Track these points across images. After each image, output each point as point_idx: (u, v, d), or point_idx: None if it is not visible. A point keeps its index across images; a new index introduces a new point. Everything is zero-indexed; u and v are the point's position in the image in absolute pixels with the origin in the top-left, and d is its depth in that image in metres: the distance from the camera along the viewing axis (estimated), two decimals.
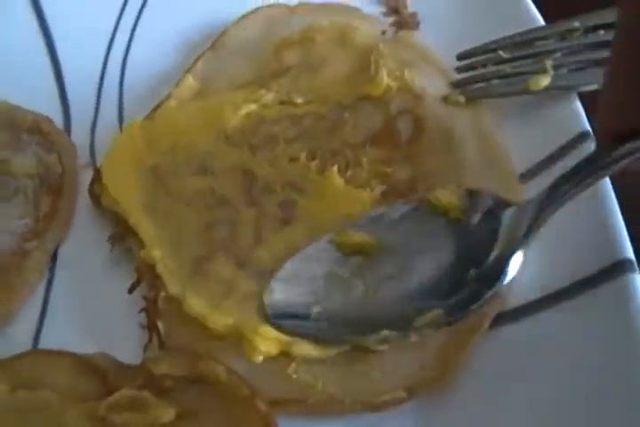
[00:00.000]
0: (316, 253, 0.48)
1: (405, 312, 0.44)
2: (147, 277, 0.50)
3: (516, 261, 0.43)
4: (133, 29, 0.64)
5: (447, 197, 0.47)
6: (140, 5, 0.64)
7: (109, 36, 0.63)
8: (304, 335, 0.44)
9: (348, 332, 0.45)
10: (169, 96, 0.58)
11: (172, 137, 0.56)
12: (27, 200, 0.55)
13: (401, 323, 0.44)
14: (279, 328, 0.44)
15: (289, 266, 0.47)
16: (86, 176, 0.58)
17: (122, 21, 0.64)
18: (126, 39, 0.63)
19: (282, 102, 0.57)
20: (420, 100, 0.55)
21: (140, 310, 0.48)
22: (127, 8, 0.64)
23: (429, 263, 0.46)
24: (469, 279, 0.44)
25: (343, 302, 0.46)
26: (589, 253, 0.43)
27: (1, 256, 0.52)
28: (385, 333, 0.44)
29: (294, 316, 0.45)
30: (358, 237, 0.48)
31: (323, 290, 0.46)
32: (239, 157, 0.54)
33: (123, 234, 0.53)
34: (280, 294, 0.46)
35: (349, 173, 0.53)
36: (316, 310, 0.45)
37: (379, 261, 0.47)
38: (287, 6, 0.61)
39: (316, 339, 0.45)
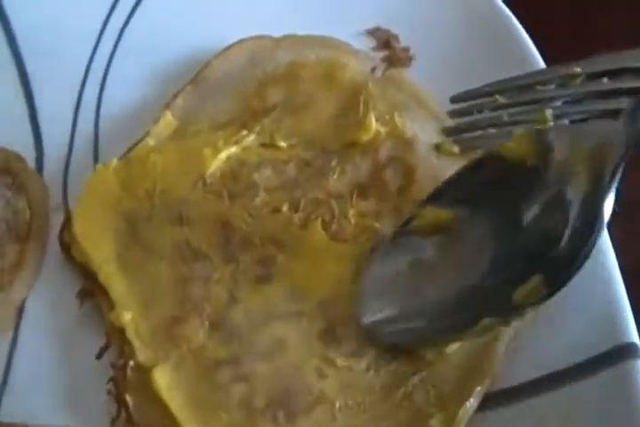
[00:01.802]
0: (392, 246, 0.44)
1: (502, 289, 0.39)
2: (116, 341, 0.45)
3: (608, 203, 0.36)
4: (109, 61, 0.59)
5: (518, 145, 0.42)
6: (116, 36, 0.58)
7: (84, 68, 0.58)
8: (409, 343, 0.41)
9: (447, 328, 0.41)
10: (147, 134, 0.53)
11: (149, 181, 0.51)
12: None
13: (500, 304, 0.39)
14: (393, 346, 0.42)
15: (374, 269, 0.43)
16: (57, 219, 0.53)
17: (97, 53, 0.59)
18: (102, 72, 0.58)
19: (263, 145, 0.51)
20: (410, 148, 0.50)
21: (109, 380, 0.43)
22: (103, 38, 0.59)
23: (513, 223, 0.40)
24: (560, 232, 0.38)
25: (434, 296, 0.42)
26: (590, 335, 0.38)
27: None
28: (486, 321, 0.39)
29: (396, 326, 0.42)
30: (431, 213, 0.43)
31: (411, 286, 0.42)
32: (217, 207, 0.49)
33: (92, 291, 0.47)
34: (376, 312, 0.43)
35: (334, 226, 0.47)
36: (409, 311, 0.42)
37: (459, 234, 0.43)
38: (272, 38, 0.56)
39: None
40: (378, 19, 0.58)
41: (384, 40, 0.57)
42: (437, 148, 0.50)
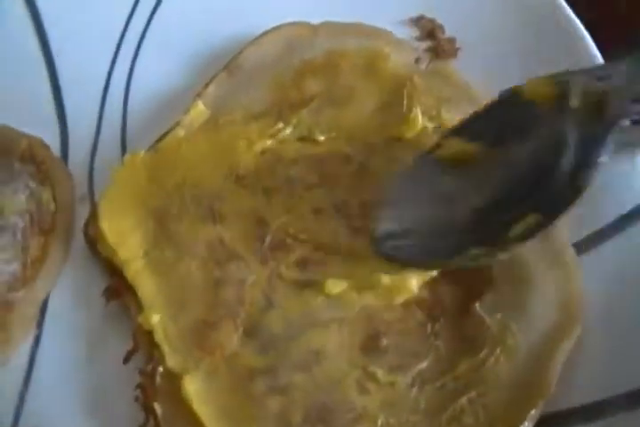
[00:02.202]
0: (418, 170, 0.44)
1: (499, 224, 0.40)
2: (144, 345, 0.42)
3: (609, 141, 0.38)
4: (138, 48, 0.56)
5: (536, 86, 0.42)
6: (145, 21, 0.55)
7: (112, 55, 0.55)
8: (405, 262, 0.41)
9: (438, 250, 0.41)
10: (177, 124, 0.50)
11: (179, 174, 0.48)
12: (15, 242, 0.47)
13: (493, 237, 0.40)
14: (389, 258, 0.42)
15: (394, 185, 0.44)
16: (82, 210, 0.50)
17: (126, 37, 0.56)
18: (130, 58, 0.55)
19: (301, 138, 0.48)
20: None
21: (136, 387, 0.40)
22: (132, 23, 0.56)
23: (521, 162, 0.41)
24: (563, 171, 0.39)
25: (436, 218, 0.42)
26: None
27: None
28: (474, 250, 0.39)
29: (398, 242, 0.42)
30: (456, 144, 0.43)
31: (426, 210, 0.43)
32: (252, 203, 0.46)
33: (119, 289, 0.44)
34: (388, 222, 0.42)
35: None
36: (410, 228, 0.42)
37: (475, 167, 0.43)
38: (310, 25, 0.52)
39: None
40: (420, 7, 0.54)
41: (428, 30, 0.53)
42: None
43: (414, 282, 0.42)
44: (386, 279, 0.42)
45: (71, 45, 0.55)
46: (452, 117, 0.48)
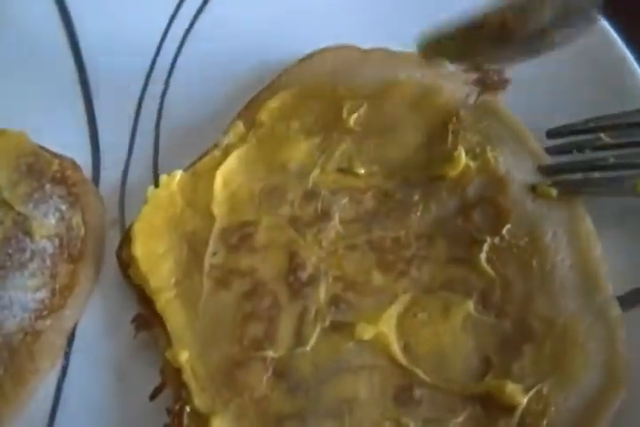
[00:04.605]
0: None
1: None
2: (172, 382, 0.43)
3: None
4: (172, 66, 0.56)
5: None
6: (181, 38, 0.56)
7: (146, 74, 0.56)
8: None
9: None
10: (215, 145, 0.51)
11: (215, 198, 0.49)
12: (44, 268, 0.49)
13: None
14: None
15: None
16: (113, 235, 0.51)
17: (160, 56, 0.56)
18: (164, 78, 0.56)
19: (340, 170, 0.48)
20: (503, 187, 0.48)
21: None
22: (167, 41, 0.57)
23: None
24: None
25: None
26: None
27: (11, 336, 0.45)
28: None
29: None
30: None
31: None
32: (287, 234, 0.47)
33: (148, 320, 0.46)
34: None
35: (412, 271, 0.44)
36: None
37: None
38: (360, 50, 0.53)
39: None
40: None
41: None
42: (534, 188, 0.46)
43: None
44: None
45: (105, 65, 0.56)
46: (497, 157, 0.48)
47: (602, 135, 0.47)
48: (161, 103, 0.56)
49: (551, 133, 0.48)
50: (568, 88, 0.51)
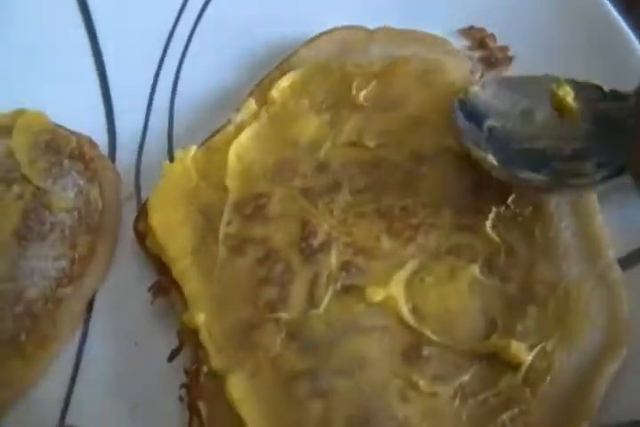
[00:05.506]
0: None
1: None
2: (189, 344, 0.46)
3: None
4: (187, 44, 0.59)
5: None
6: (195, 17, 0.59)
7: (161, 53, 0.59)
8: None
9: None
10: (228, 122, 0.53)
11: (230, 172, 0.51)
12: (63, 238, 0.51)
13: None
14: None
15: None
16: (129, 209, 0.54)
17: (175, 35, 0.60)
18: (179, 56, 0.59)
19: (351, 143, 0.51)
20: None
21: (181, 386, 0.44)
22: (182, 20, 0.60)
23: None
24: None
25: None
26: None
27: (32, 304, 0.48)
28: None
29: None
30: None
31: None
32: (299, 204, 0.49)
33: (166, 287, 0.48)
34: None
35: (420, 238, 0.47)
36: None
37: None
38: (366, 30, 0.55)
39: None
40: (470, 17, 0.57)
41: (479, 39, 0.56)
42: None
43: None
44: None
45: (120, 44, 0.59)
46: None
47: None
48: (175, 82, 0.58)
49: None
50: (571, 61, 0.54)
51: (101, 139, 0.56)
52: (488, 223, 0.47)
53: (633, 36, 0.52)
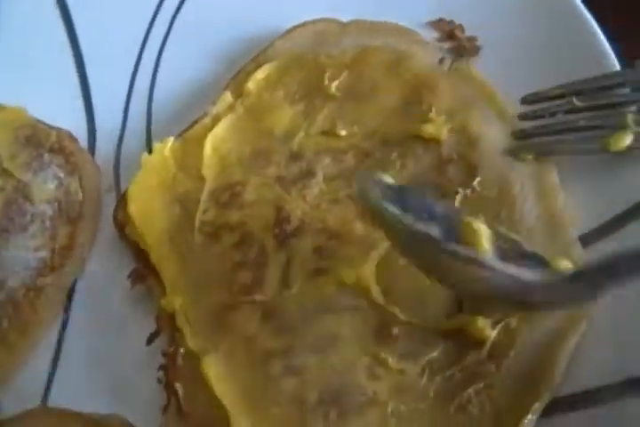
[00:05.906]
0: None
1: None
2: (167, 328, 0.47)
3: None
4: (165, 38, 0.61)
5: None
6: (173, 11, 0.61)
7: (139, 47, 0.61)
8: None
9: None
10: (204, 114, 0.55)
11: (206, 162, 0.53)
12: (43, 229, 0.53)
13: None
14: None
15: None
16: (109, 200, 0.55)
17: (153, 30, 0.61)
18: (157, 50, 0.61)
19: (323, 132, 0.53)
20: (475, 146, 0.52)
21: (159, 368, 0.46)
22: (160, 14, 0.61)
23: None
24: None
25: None
26: None
27: (14, 292, 0.50)
28: None
29: None
30: None
31: None
32: (273, 192, 0.51)
33: (144, 274, 0.50)
34: None
35: None
36: None
37: None
38: (339, 22, 0.57)
39: None
40: (440, 9, 0.59)
41: (448, 31, 0.58)
42: (512, 154, 0.51)
43: None
44: None
45: (98, 38, 0.61)
46: (470, 118, 0.52)
47: (574, 100, 0.51)
48: (153, 76, 0.60)
49: (525, 100, 0.52)
50: (536, 54, 0.55)
51: (81, 132, 0.58)
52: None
53: (595, 23, 0.54)
